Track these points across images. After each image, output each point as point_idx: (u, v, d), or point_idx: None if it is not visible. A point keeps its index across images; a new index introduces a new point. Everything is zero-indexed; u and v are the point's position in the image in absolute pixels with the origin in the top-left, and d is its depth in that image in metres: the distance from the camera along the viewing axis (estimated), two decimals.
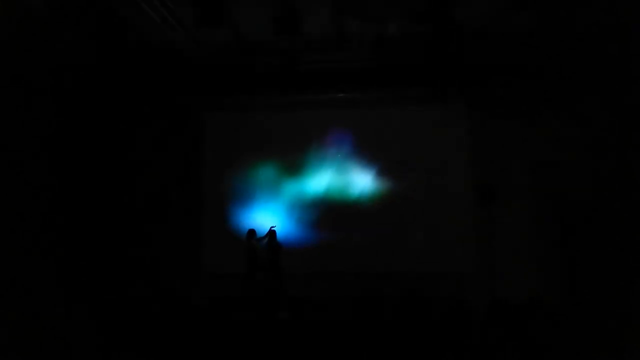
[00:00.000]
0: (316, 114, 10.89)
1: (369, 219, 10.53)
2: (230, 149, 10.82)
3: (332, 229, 10.59)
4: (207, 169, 10.80)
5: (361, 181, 10.66)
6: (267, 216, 10.62)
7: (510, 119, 9.69)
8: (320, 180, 10.76)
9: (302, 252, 10.25)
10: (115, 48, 8.39)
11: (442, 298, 5.05)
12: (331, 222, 10.61)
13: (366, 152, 10.65)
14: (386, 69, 9.42)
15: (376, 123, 10.74)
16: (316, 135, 10.82)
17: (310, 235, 10.63)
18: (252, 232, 9.60)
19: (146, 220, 9.56)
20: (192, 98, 10.26)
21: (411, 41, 8.53)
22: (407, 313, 4.73)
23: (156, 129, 10.39)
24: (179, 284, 9.32)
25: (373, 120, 10.76)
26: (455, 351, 4.05)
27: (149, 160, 10.33)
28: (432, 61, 9.08)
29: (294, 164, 10.76)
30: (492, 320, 4.56)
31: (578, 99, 8.95)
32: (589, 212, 8.68)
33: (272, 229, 9.58)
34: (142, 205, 9.48)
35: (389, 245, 10.30)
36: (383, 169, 10.54)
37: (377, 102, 10.60)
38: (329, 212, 10.65)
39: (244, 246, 9.45)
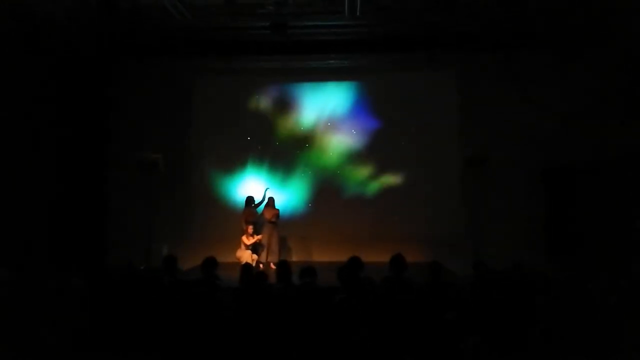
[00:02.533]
0: (307, 79, 10.82)
1: (356, 183, 10.60)
2: (219, 113, 10.75)
3: (319, 193, 10.66)
4: (194, 132, 10.75)
5: (350, 145, 10.66)
6: (255, 182, 10.64)
7: (499, 85, 9.70)
8: (310, 145, 10.75)
9: (291, 219, 10.32)
10: (103, 9, 8.20)
11: (427, 263, 5.10)
12: (318, 187, 10.67)
13: (357, 117, 10.64)
14: (377, 35, 9.30)
15: (367, 88, 10.72)
16: (306, 100, 10.76)
17: (298, 201, 10.69)
18: (250, 199, 9.60)
19: (133, 184, 9.51)
20: (180, 61, 10.11)
21: (403, 7, 8.41)
22: (392, 278, 4.79)
23: (144, 92, 10.27)
24: (167, 249, 9.34)
25: (364, 85, 10.73)
26: (439, 314, 4.09)
27: (136, 123, 10.24)
28: (424, 27, 8.98)
29: (284, 129, 10.74)
30: (476, 285, 4.63)
31: (566, 67, 8.96)
32: (577, 180, 8.78)
33: (268, 190, 9.60)
34: (128, 168, 9.42)
35: (375, 210, 10.40)
36: (373, 134, 10.55)
37: (368, 68, 10.56)
38: (317, 177, 10.70)
39: (245, 212, 9.48)
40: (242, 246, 9.31)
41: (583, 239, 8.45)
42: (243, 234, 9.37)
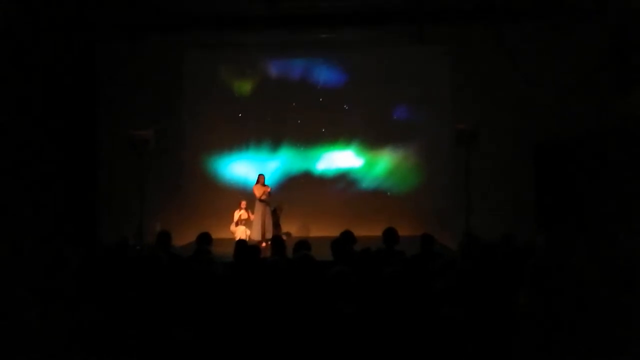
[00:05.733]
0: (297, 53, 10.73)
1: (348, 159, 10.63)
2: (210, 89, 10.64)
3: (311, 168, 10.69)
4: (185, 109, 10.64)
5: (342, 120, 10.64)
6: (247, 160, 10.65)
7: (491, 59, 9.64)
8: (302, 121, 10.71)
9: (282, 195, 10.34)
10: None
11: (418, 236, 5.17)
12: (310, 163, 10.70)
13: (349, 92, 10.59)
14: (369, 7, 9.21)
15: (358, 63, 10.64)
16: (297, 75, 10.68)
17: (290, 177, 10.70)
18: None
19: (124, 161, 9.46)
20: (170, 36, 9.95)
21: None
22: (384, 250, 4.86)
23: (133, 68, 10.12)
24: (159, 226, 9.37)
25: (355, 59, 10.66)
26: (427, 286, 4.13)
27: (126, 100, 10.13)
28: (416, 0, 8.90)
29: (275, 104, 10.65)
30: (465, 256, 4.69)
31: (559, 41, 8.94)
32: (568, 153, 8.84)
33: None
34: (119, 146, 9.36)
35: (367, 185, 10.48)
36: (364, 109, 10.52)
37: (360, 42, 10.46)
38: (309, 153, 10.71)
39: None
40: (234, 220, 9.37)
41: (572, 213, 8.55)
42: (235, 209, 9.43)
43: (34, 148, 8.68)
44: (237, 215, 9.38)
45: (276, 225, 9.75)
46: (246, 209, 9.40)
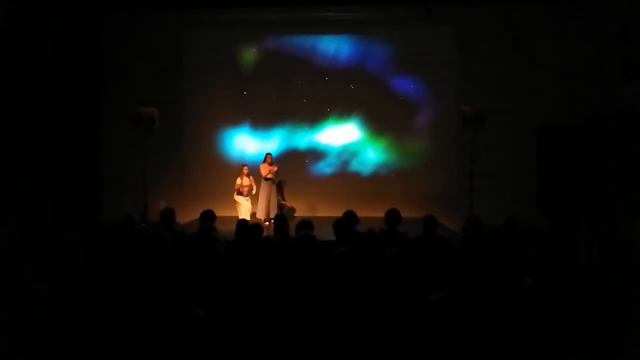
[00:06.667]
0: (303, 31, 10.60)
1: (352, 139, 10.58)
2: (213, 67, 10.54)
3: (316, 148, 10.66)
4: (189, 87, 10.56)
5: (346, 100, 10.56)
6: (251, 137, 10.63)
7: (498, 44, 9.53)
8: (307, 100, 10.63)
9: (287, 175, 10.32)
10: None
11: (421, 218, 5.16)
12: (315, 143, 10.66)
13: (354, 71, 10.48)
14: None
15: (364, 42, 10.52)
16: (302, 54, 10.56)
17: (295, 157, 10.67)
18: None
19: (127, 140, 9.45)
20: (173, 14, 9.86)
21: None
22: (386, 230, 4.86)
23: (136, 47, 10.04)
24: (164, 204, 9.39)
25: (361, 39, 10.54)
26: (431, 270, 4.14)
27: (129, 79, 10.07)
28: None
29: (280, 83, 10.56)
30: (468, 241, 4.69)
31: (566, 25, 8.83)
32: (572, 138, 8.81)
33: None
34: (125, 123, 9.34)
35: (371, 167, 10.46)
36: (369, 88, 10.43)
37: (366, 22, 10.34)
38: (314, 133, 10.67)
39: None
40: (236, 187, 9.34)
41: (575, 197, 8.54)
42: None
43: (36, 129, 8.66)
44: (238, 181, 9.34)
45: (281, 199, 9.79)
46: (248, 175, 9.35)
